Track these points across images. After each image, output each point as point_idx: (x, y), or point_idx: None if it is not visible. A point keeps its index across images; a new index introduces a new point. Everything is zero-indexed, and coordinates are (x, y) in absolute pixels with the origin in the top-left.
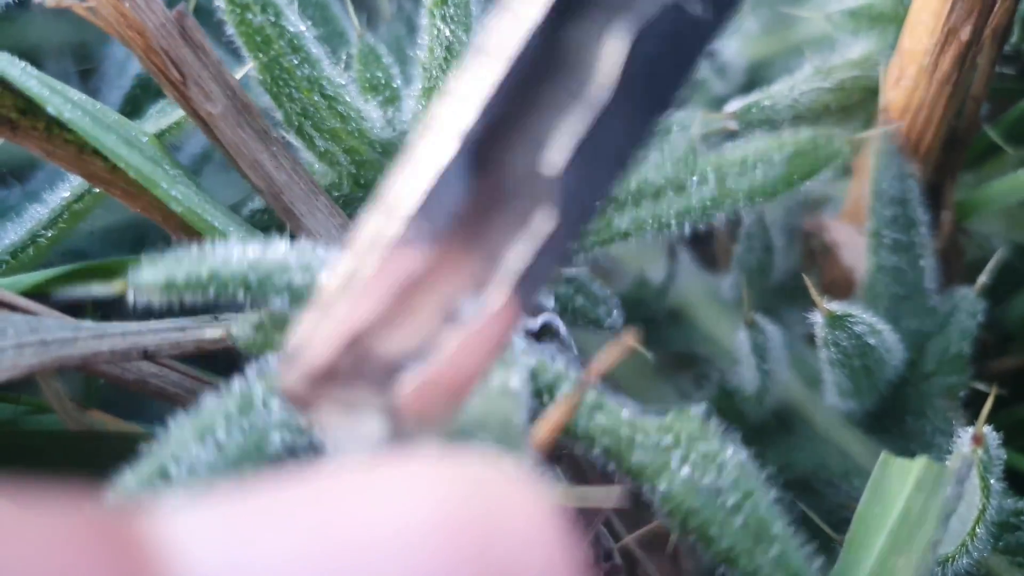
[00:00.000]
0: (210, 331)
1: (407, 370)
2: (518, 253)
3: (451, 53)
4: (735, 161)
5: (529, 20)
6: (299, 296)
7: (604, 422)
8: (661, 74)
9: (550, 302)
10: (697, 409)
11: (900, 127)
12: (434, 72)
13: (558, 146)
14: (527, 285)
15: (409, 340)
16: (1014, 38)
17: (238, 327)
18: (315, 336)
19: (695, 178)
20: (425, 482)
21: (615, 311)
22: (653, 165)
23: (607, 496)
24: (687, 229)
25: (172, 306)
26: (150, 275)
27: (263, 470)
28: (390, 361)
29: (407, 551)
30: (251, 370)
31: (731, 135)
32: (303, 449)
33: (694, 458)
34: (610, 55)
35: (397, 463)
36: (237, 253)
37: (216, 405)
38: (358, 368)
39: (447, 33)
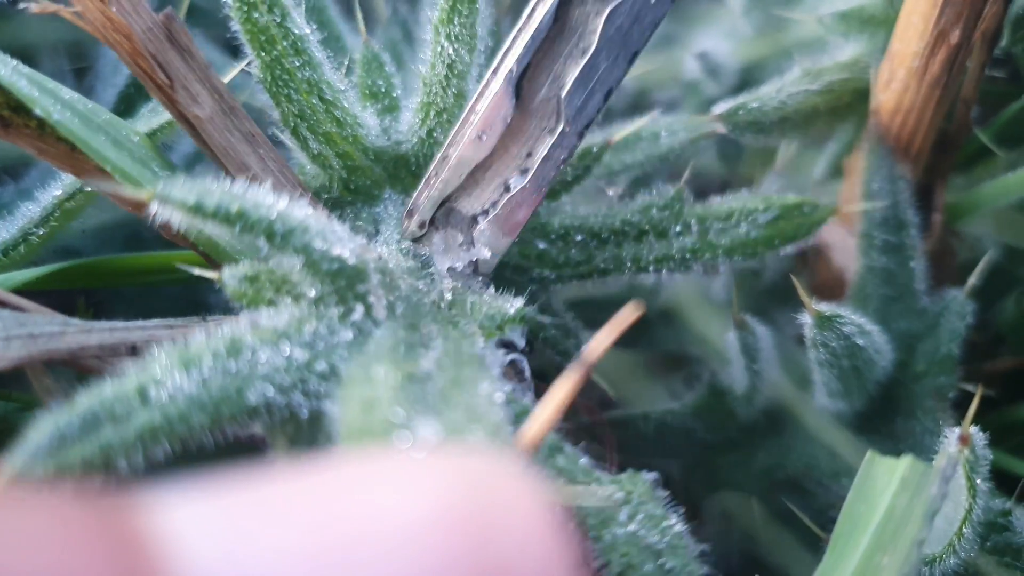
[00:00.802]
0: (198, 329)
1: (480, 220)
2: (544, 146)
3: (452, 71)
4: (720, 215)
5: (548, 4)
6: (314, 262)
7: (562, 464)
8: (629, 36)
9: (521, 343)
10: (649, 476)
11: (891, 129)
12: (434, 88)
13: (567, 79)
14: (548, 165)
15: (479, 203)
16: (1004, 42)
17: (229, 274)
18: (421, 199)
19: (678, 227)
20: (423, 476)
21: (584, 346)
22: (639, 207)
23: (602, 495)
24: (664, 275)
25: (160, 310)
26: (181, 193)
27: (238, 419)
28: (468, 215)
29: (406, 545)
30: (244, 317)
31: (720, 138)
32: (280, 407)
33: (641, 517)
34: (596, 23)
35: (396, 457)
36: (268, 200)
37: (204, 342)
38: (447, 218)
39: (450, 51)
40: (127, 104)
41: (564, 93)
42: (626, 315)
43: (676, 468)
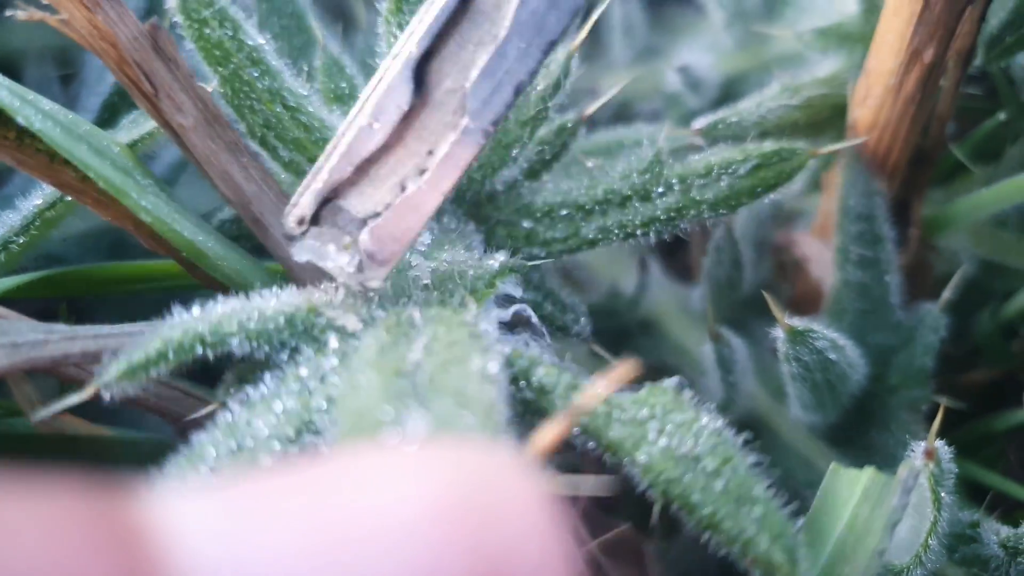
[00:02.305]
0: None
1: (369, 223)
2: (446, 143)
3: None
4: (700, 171)
5: None
6: (256, 335)
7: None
8: (544, 22)
9: (518, 292)
10: (670, 382)
11: (867, 144)
12: None
13: (474, 69)
14: (450, 166)
15: (371, 203)
16: (978, 60)
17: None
18: (305, 194)
19: (660, 188)
20: (421, 468)
21: (583, 319)
22: (620, 175)
23: (597, 485)
24: (653, 238)
25: (143, 318)
26: (112, 371)
27: None
28: (357, 216)
29: (404, 539)
30: (231, 403)
31: (700, 150)
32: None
33: (670, 428)
34: (508, 7)
35: (393, 449)
36: (183, 315)
37: (205, 438)
38: (334, 218)
39: None
40: (111, 112)
41: (469, 84)
42: (622, 371)
43: None
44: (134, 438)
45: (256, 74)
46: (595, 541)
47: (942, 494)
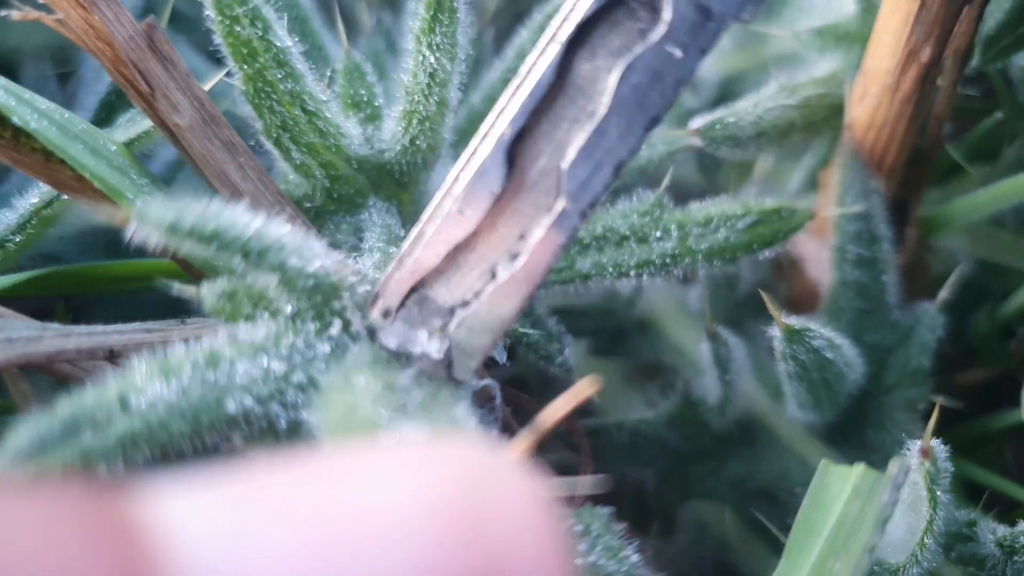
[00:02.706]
0: (177, 333)
1: (458, 312)
2: (540, 228)
3: (434, 80)
4: (699, 220)
5: (549, 58)
6: (290, 279)
7: None
8: (647, 98)
9: (502, 358)
10: (604, 510)
11: (864, 144)
12: (416, 96)
13: (570, 147)
14: (544, 251)
15: (459, 291)
16: (975, 60)
17: (207, 290)
18: (391, 282)
19: (659, 232)
20: (418, 467)
21: (567, 350)
22: (620, 213)
23: (592, 485)
24: (641, 285)
25: (139, 316)
26: (158, 212)
27: (217, 427)
28: (445, 305)
29: (401, 536)
30: (223, 331)
31: (698, 151)
32: (258, 417)
33: (600, 549)
34: (609, 82)
35: (391, 448)
36: (244, 219)
37: (184, 353)
38: (420, 308)
39: (432, 60)
40: (108, 111)
41: (566, 165)
42: (583, 387)
43: (650, 476)
44: None
45: (280, 76)
46: None
47: (938, 493)
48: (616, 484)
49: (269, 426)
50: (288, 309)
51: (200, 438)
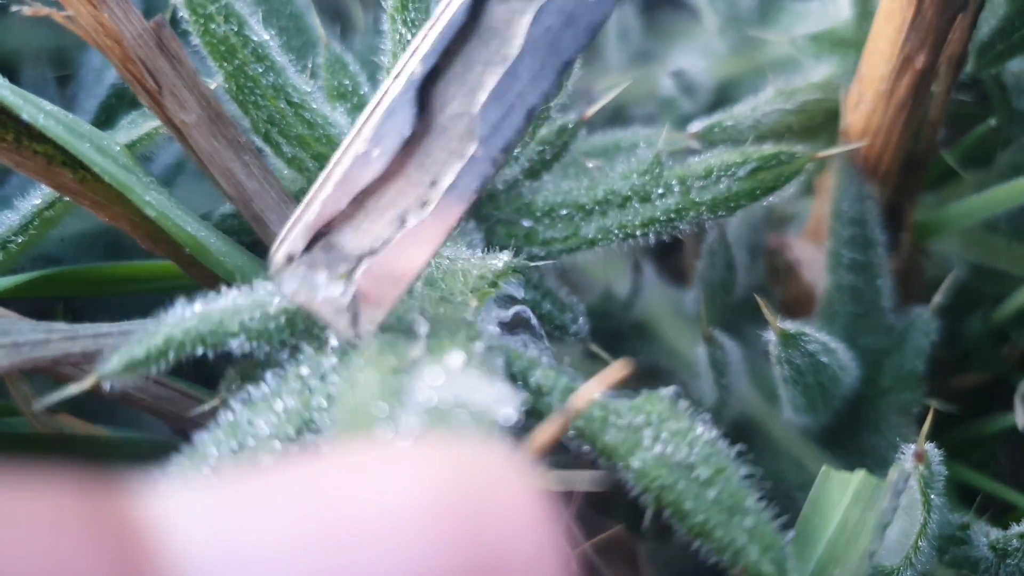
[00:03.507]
0: None
1: (365, 260)
2: (451, 173)
3: None
4: (699, 173)
5: None
6: (255, 334)
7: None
8: (559, 41)
9: (520, 293)
10: (667, 391)
11: (860, 149)
12: None
13: (482, 89)
14: (455, 197)
15: (367, 238)
16: (969, 67)
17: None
18: (295, 228)
19: (660, 189)
20: (415, 464)
21: (581, 318)
22: (620, 175)
23: (590, 481)
24: (652, 239)
25: (139, 316)
26: (113, 363)
27: None
28: (352, 253)
29: (399, 533)
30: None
31: (696, 154)
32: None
33: (665, 436)
34: (522, 23)
35: (389, 445)
36: (186, 311)
37: (207, 438)
38: (326, 255)
39: (409, 37)
40: (108, 115)
41: (478, 108)
42: (615, 370)
43: None
44: (131, 438)
45: (261, 70)
46: (589, 542)
47: (932, 496)
48: (611, 486)
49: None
50: (284, 355)
51: None
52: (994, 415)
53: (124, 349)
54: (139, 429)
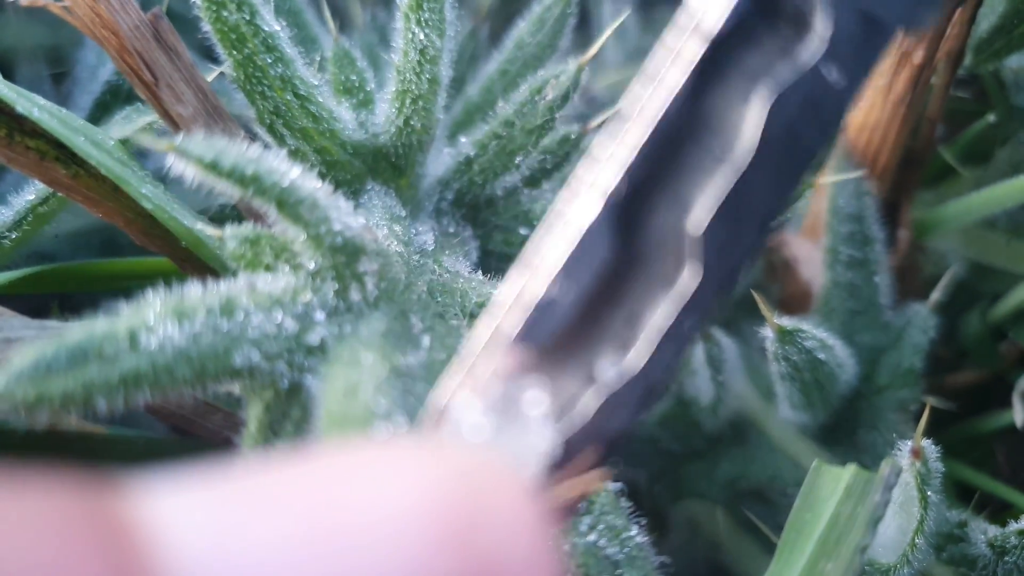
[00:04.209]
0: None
1: (548, 428)
2: (663, 311)
3: (424, 57)
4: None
5: (672, 86)
6: (317, 234)
7: None
8: (801, 136)
9: None
10: (613, 485)
11: (857, 145)
12: (408, 75)
13: (701, 206)
14: (669, 348)
15: (552, 397)
16: (968, 63)
17: (230, 233)
18: (458, 395)
19: None
20: (412, 468)
21: None
22: None
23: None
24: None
25: None
26: (199, 148)
27: (221, 378)
28: (534, 415)
29: (394, 536)
30: (242, 278)
31: None
32: (263, 373)
33: (602, 528)
34: (751, 118)
35: (385, 446)
36: (283, 167)
37: (200, 296)
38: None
39: (421, 37)
40: (103, 111)
41: (697, 224)
42: (592, 479)
43: (642, 476)
44: (128, 436)
45: (270, 60)
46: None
47: (929, 493)
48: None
49: (271, 383)
50: (311, 266)
51: (202, 386)
52: (992, 413)
53: (216, 146)
54: (136, 428)
